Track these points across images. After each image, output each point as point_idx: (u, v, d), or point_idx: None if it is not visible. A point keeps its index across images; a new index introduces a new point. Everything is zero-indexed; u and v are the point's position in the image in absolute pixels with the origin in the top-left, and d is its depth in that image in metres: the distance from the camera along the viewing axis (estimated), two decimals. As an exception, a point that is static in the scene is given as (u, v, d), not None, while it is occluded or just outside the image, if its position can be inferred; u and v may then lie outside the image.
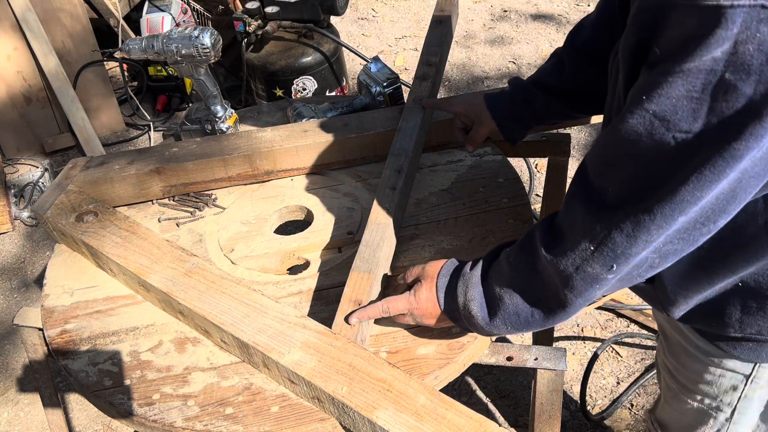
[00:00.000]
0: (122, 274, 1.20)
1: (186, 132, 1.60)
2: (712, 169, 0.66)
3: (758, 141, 0.64)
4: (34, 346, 1.29)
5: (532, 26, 4.00)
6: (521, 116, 1.28)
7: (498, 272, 0.93)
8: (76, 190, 1.35)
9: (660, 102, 0.67)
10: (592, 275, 0.80)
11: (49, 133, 3.27)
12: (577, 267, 0.80)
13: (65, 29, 3.17)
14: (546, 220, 0.89)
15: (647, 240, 0.74)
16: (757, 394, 1.01)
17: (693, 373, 1.06)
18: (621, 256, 0.77)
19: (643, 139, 0.70)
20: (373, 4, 4.41)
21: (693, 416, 1.11)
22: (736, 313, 0.89)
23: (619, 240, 0.76)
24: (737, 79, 0.62)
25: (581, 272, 0.80)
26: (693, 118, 0.66)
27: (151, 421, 1.00)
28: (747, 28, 0.60)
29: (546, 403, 1.11)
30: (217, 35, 1.49)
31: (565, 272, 0.82)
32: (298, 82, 2.71)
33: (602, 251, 0.77)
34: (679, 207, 0.70)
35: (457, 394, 2.06)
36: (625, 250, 0.76)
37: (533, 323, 0.90)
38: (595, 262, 0.79)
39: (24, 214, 2.93)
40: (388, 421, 0.89)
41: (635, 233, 0.74)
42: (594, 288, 0.81)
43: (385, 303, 1.02)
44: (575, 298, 0.83)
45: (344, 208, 1.35)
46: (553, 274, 0.84)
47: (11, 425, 2.14)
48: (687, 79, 0.65)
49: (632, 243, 0.75)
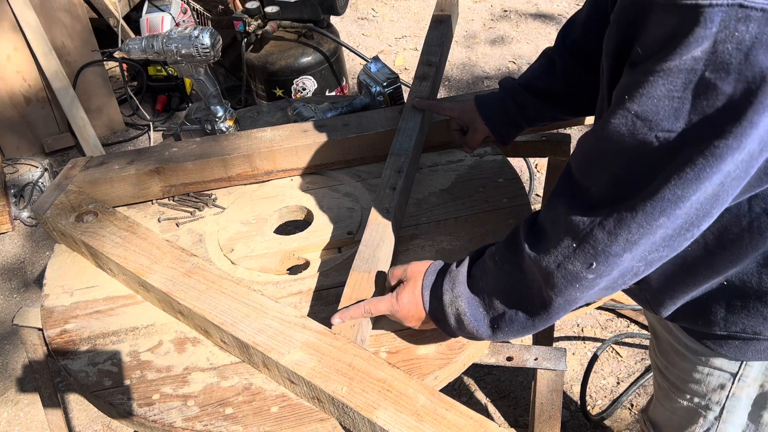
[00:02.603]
0: (122, 274, 1.20)
1: (186, 132, 1.60)
2: (693, 167, 0.67)
3: (739, 140, 0.64)
4: (34, 346, 1.29)
5: (532, 26, 4.00)
6: (513, 121, 1.28)
7: (483, 270, 0.92)
8: (76, 190, 1.35)
9: (642, 102, 0.68)
10: (572, 273, 0.79)
11: (49, 133, 3.27)
12: (558, 264, 0.80)
13: (65, 29, 3.17)
14: (529, 218, 0.89)
15: (628, 239, 0.74)
16: (745, 392, 1.02)
17: (682, 371, 1.06)
18: (601, 254, 0.76)
19: (626, 139, 0.70)
20: (373, 4, 4.41)
21: (683, 415, 1.12)
22: (721, 311, 0.90)
23: (600, 237, 0.75)
24: (717, 78, 0.62)
25: (562, 269, 0.80)
26: (674, 118, 0.66)
27: (151, 422, 1.00)
28: (726, 27, 0.60)
29: (546, 403, 1.11)
30: (217, 35, 1.49)
31: (548, 269, 0.81)
32: (298, 82, 2.71)
33: (583, 248, 0.77)
34: (660, 206, 0.70)
35: (457, 394, 2.06)
36: (605, 247, 0.75)
37: (516, 324, 0.89)
38: (576, 260, 0.78)
39: (24, 214, 2.93)
40: (388, 421, 0.89)
41: (616, 230, 0.74)
42: (575, 287, 0.80)
43: (367, 304, 1.01)
44: (556, 296, 0.82)
45: (344, 208, 1.35)
46: (536, 272, 0.84)
47: (11, 425, 2.14)
48: (668, 79, 0.65)
49: (613, 240, 0.75)
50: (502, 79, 1.31)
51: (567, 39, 1.18)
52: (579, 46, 1.15)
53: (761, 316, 0.88)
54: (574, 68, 1.16)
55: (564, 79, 1.19)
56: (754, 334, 0.90)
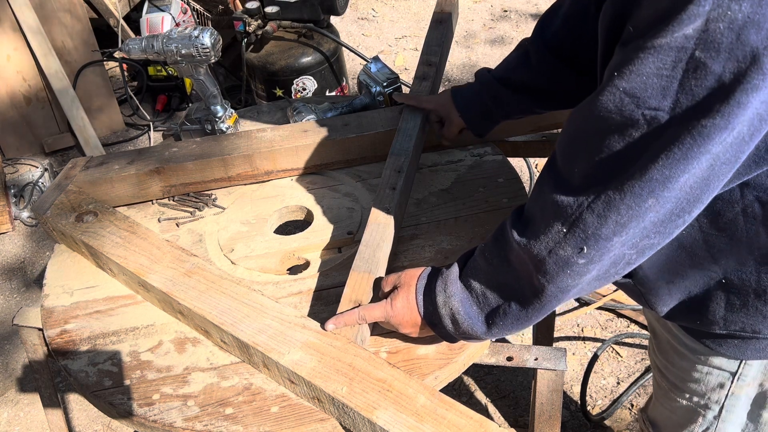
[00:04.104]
0: (122, 274, 1.20)
1: (186, 132, 1.60)
2: (681, 146, 0.66)
3: (726, 120, 0.64)
4: (34, 346, 1.29)
5: (532, 26, 3.98)
6: (488, 114, 1.29)
7: (474, 268, 0.92)
8: (76, 190, 1.35)
9: (630, 79, 0.67)
10: (563, 258, 0.78)
11: (49, 133, 3.27)
12: (549, 250, 0.79)
13: (65, 29, 3.17)
14: (515, 211, 0.89)
15: (617, 221, 0.73)
16: (744, 391, 1.01)
17: (681, 370, 1.06)
18: (591, 238, 0.75)
19: (613, 116, 0.70)
20: (373, 4, 4.41)
21: (682, 414, 1.12)
22: (721, 310, 0.89)
23: (589, 220, 0.75)
24: (707, 57, 0.62)
25: (554, 255, 0.79)
26: (662, 96, 0.66)
27: (151, 422, 1.00)
28: (719, 5, 0.60)
29: (546, 403, 1.11)
30: (217, 35, 1.49)
31: (539, 256, 0.81)
32: (298, 82, 2.71)
33: (574, 232, 0.76)
34: (648, 186, 0.70)
35: (457, 394, 2.06)
36: (595, 230, 0.75)
37: (510, 317, 0.88)
38: (567, 244, 0.77)
39: (24, 214, 2.93)
40: (388, 421, 0.89)
41: (605, 213, 0.73)
42: (566, 274, 0.79)
43: (362, 310, 1.01)
44: (548, 284, 0.81)
45: (344, 208, 1.35)
46: (527, 261, 0.83)
47: (11, 425, 2.14)
48: (658, 56, 0.65)
49: (603, 223, 0.74)
50: (478, 71, 1.31)
51: (546, 31, 1.17)
52: (558, 39, 1.14)
53: (760, 314, 0.87)
54: (549, 62, 1.15)
55: (539, 73, 1.18)
56: (754, 332, 0.90)
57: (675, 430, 1.15)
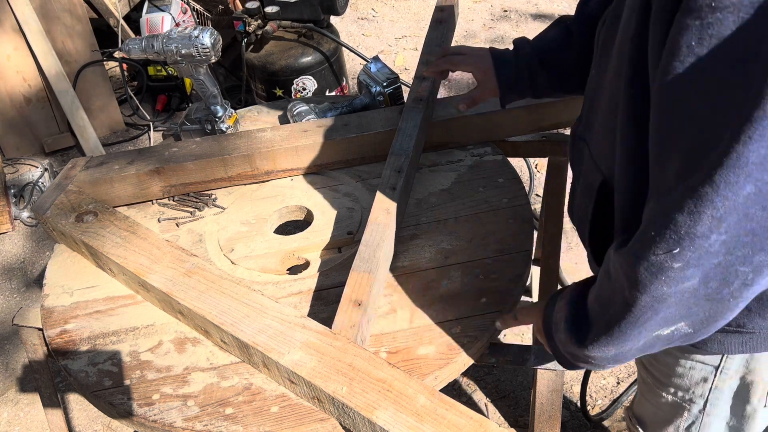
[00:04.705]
0: (122, 274, 1.20)
1: (186, 132, 1.60)
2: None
3: None
4: (34, 346, 1.29)
5: (532, 26, 3.99)
6: (522, 90, 1.27)
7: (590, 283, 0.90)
8: (76, 190, 1.35)
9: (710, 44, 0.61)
10: (656, 264, 0.70)
11: (49, 133, 3.27)
12: (639, 256, 0.72)
13: (65, 29, 3.17)
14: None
15: (713, 215, 0.64)
16: (727, 384, 1.02)
17: (665, 366, 1.06)
18: (685, 237, 0.67)
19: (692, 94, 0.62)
20: (373, 4, 4.41)
21: (668, 410, 1.12)
22: None
23: (681, 219, 0.67)
24: None
25: (644, 261, 0.71)
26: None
27: (151, 421, 1.00)
28: None
29: (546, 403, 1.11)
30: (217, 35, 1.49)
31: (629, 265, 0.74)
32: (298, 82, 2.71)
33: (664, 234, 0.68)
34: (745, 171, 0.60)
35: (457, 394, 2.06)
36: (689, 229, 0.66)
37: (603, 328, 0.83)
38: (658, 248, 0.69)
39: (24, 214, 2.93)
40: (388, 421, 0.89)
41: (698, 209, 0.65)
42: (660, 280, 0.71)
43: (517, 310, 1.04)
44: (641, 294, 0.73)
45: (344, 208, 1.35)
46: (622, 275, 0.77)
47: (11, 425, 2.14)
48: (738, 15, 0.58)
49: (696, 220, 0.65)
50: (518, 41, 1.27)
51: (586, 6, 1.14)
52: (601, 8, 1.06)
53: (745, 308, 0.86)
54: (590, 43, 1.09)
55: (578, 54, 1.15)
56: (738, 327, 0.89)
57: (661, 425, 1.16)
